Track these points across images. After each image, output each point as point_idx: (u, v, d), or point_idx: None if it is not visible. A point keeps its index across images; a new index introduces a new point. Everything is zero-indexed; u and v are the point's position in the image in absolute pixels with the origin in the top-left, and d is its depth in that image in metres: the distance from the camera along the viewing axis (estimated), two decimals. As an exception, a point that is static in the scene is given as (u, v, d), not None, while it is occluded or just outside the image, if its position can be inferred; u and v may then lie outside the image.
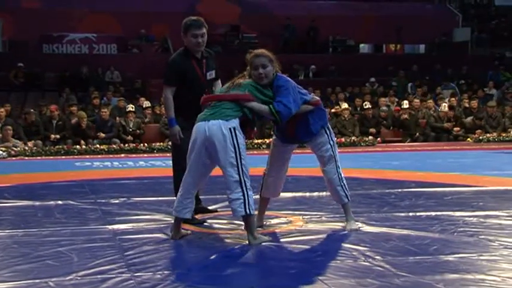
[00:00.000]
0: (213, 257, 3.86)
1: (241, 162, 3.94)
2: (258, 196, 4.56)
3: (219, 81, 4.97)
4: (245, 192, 3.94)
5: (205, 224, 4.76)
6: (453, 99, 15.61)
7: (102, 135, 12.28)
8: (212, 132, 3.94)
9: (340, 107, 14.21)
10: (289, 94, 4.16)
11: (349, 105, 14.36)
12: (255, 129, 4.25)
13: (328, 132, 4.45)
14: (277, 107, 4.10)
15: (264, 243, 4.06)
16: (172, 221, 4.80)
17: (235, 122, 3.98)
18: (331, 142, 4.44)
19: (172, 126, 4.76)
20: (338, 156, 4.47)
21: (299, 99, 4.23)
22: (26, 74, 16.93)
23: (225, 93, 4.17)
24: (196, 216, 4.83)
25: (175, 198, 4.84)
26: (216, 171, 4.23)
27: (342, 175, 4.46)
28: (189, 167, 4.13)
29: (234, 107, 4.04)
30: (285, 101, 4.11)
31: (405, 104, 14.36)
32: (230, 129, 3.94)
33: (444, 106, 14.24)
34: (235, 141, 3.94)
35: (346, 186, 4.48)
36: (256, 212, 4.24)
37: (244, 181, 3.95)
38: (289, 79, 4.36)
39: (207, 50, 4.90)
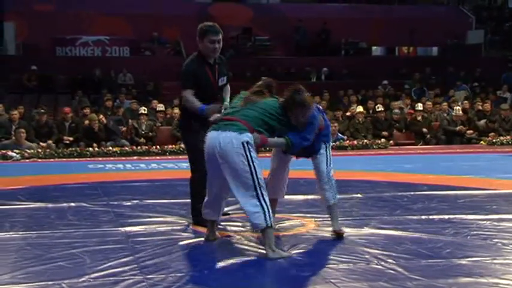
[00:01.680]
0: (225, 259, 3.86)
1: (257, 176, 3.87)
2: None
3: (228, 86, 4.96)
4: (264, 206, 3.87)
5: (219, 226, 4.76)
6: (466, 101, 15.49)
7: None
8: (225, 146, 3.88)
9: (355, 109, 14.15)
10: (312, 131, 4.15)
11: (363, 108, 14.30)
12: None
13: (326, 144, 4.42)
14: (294, 139, 4.09)
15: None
16: (185, 223, 4.84)
17: (248, 136, 3.91)
18: (326, 145, 4.40)
19: (204, 110, 4.54)
20: (330, 156, 4.40)
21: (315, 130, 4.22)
22: (39, 77, 17.00)
23: (240, 110, 4.07)
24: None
25: (188, 200, 4.86)
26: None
27: (331, 175, 4.36)
28: (208, 176, 4.13)
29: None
30: (302, 135, 4.11)
31: (419, 106, 14.28)
32: (243, 143, 3.87)
33: (458, 110, 14.13)
34: (248, 156, 3.87)
35: (335, 188, 4.37)
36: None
37: (262, 195, 3.89)
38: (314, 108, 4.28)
39: (220, 56, 4.89)
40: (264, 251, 3.95)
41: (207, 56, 4.75)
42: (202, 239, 4.37)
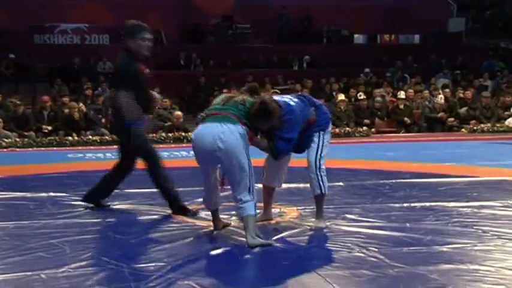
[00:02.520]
0: (207, 249, 3.83)
1: (251, 167, 3.89)
2: (260, 185, 4.53)
3: None
4: (253, 195, 3.92)
5: (199, 215, 4.73)
6: (447, 90, 15.57)
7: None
8: (229, 139, 3.83)
9: (337, 98, 14.15)
10: (291, 128, 4.06)
11: (344, 97, 14.30)
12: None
13: (321, 132, 4.31)
14: (278, 144, 4.03)
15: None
16: (167, 212, 4.80)
17: (243, 128, 3.89)
18: (320, 133, 4.31)
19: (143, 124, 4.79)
20: (324, 146, 4.30)
21: (300, 125, 4.14)
22: (16, 65, 16.66)
23: (225, 106, 4.00)
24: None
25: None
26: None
27: (321, 165, 4.28)
28: (203, 170, 4.06)
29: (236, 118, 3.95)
30: (287, 137, 4.05)
31: (402, 94, 14.32)
32: (241, 134, 3.86)
33: (441, 98, 14.20)
34: (245, 147, 3.87)
35: (324, 178, 4.29)
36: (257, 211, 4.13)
37: (252, 185, 3.92)
38: (296, 103, 4.17)
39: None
40: (241, 243, 3.92)
41: (139, 54, 4.78)
42: (183, 228, 4.33)
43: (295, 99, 4.23)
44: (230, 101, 4.01)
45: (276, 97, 4.19)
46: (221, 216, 4.37)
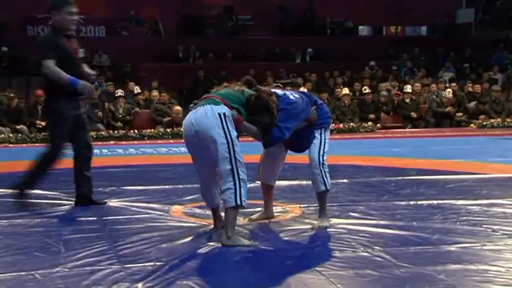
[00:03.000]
0: (206, 248, 3.74)
1: (233, 149, 3.69)
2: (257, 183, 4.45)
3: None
4: (237, 182, 3.70)
5: (201, 213, 4.63)
6: (454, 84, 15.42)
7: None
8: (199, 119, 3.71)
9: (341, 92, 14.02)
10: (289, 120, 3.95)
11: (349, 91, 14.18)
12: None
13: (322, 129, 4.23)
14: (271, 130, 3.90)
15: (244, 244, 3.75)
16: (164, 210, 4.72)
17: (225, 109, 3.74)
18: (321, 130, 4.23)
19: (78, 83, 4.65)
20: (326, 143, 4.22)
21: (298, 121, 4.03)
22: (9, 58, 16.40)
23: (210, 93, 3.92)
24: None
25: (167, 187, 4.72)
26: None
27: (324, 161, 4.18)
28: (194, 162, 3.96)
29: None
30: (280, 125, 3.91)
31: (408, 88, 14.18)
32: (220, 114, 3.70)
33: (449, 92, 14.05)
34: (225, 127, 3.69)
35: (327, 174, 4.19)
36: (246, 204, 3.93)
37: (237, 170, 3.71)
38: (297, 98, 4.08)
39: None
40: (247, 239, 3.84)
41: (64, 28, 4.80)
42: (181, 226, 4.24)
43: (296, 95, 4.14)
44: (225, 89, 3.91)
45: (276, 90, 4.11)
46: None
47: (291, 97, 4.06)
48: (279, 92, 4.09)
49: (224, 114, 3.71)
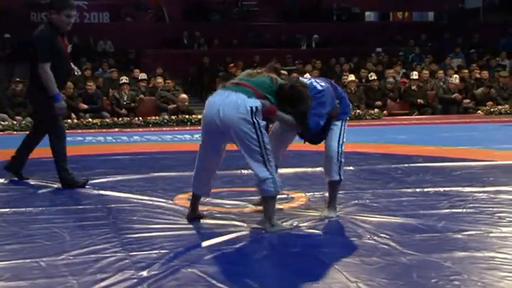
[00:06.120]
0: (211, 236, 3.71)
1: (263, 141, 3.68)
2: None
3: None
4: (272, 171, 3.73)
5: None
6: (465, 70, 15.26)
7: (84, 106, 11.96)
8: (229, 110, 3.65)
9: (347, 78, 13.93)
10: (322, 105, 3.92)
11: (355, 77, 14.08)
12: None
13: (342, 121, 4.22)
14: (311, 120, 3.87)
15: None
16: (169, 198, 4.70)
17: (257, 102, 3.68)
18: (342, 121, 4.22)
19: (59, 100, 5.04)
20: (344, 132, 4.22)
21: (329, 107, 4.00)
22: (12, 45, 16.33)
23: (243, 79, 3.86)
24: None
25: (173, 174, 4.71)
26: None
27: (342, 151, 4.18)
28: (202, 145, 3.92)
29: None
30: (315, 112, 3.88)
31: (414, 75, 14.08)
32: (252, 108, 3.64)
33: (455, 78, 13.93)
34: (255, 120, 3.65)
35: (342, 165, 4.19)
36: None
37: (268, 160, 3.72)
38: (324, 86, 4.05)
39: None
40: (246, 229, 3.82)
41: (61, 28, 5.04)
42: (186, 214, 4.20)
43: (323, 84, 4.08)
44: (257, 76, 3.86)
45: (302, 78, 4.07)
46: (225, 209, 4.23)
47: (318, 86, 4.01)
48: (306, 80, 4.05)
49: (256, 108, 3.67)
